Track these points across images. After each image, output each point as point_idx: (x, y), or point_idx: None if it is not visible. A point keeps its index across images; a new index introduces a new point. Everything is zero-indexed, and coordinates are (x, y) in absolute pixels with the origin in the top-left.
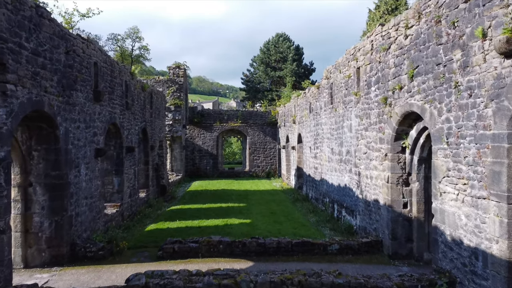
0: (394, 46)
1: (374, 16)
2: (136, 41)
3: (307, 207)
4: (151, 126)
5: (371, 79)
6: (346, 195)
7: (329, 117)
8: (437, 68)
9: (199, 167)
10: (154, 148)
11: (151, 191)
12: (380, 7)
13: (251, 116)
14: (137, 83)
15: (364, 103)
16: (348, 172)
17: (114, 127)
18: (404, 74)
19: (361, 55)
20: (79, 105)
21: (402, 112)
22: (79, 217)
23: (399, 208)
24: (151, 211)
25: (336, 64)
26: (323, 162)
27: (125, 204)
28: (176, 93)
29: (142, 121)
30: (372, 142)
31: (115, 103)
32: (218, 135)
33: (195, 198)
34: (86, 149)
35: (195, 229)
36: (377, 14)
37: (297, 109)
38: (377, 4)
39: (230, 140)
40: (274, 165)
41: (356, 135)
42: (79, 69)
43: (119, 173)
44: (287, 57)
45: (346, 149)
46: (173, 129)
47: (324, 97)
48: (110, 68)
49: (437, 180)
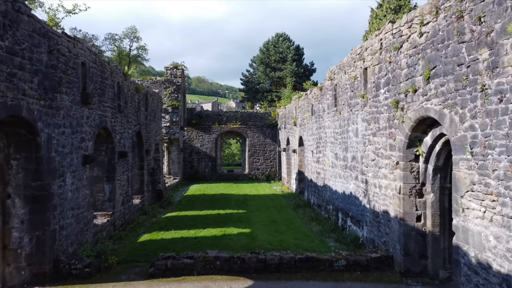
0: (406, 45)
1: (377, 15)
2: (134, 41)
3: (309, 214)
4: (146, 129)
5: (380, 80)
6: (352, 203)
7: (332, 121)
8: (458, 69)
9: (197, 170)
10: (149, 152)
11: (146, 197)
12: (382, 6)
13: (250, 118)
14: (130, 84)
15: (372, 106)
16: (354, 179)
17: (105, 131)
18: (418, 76)
19: (368, 54)
20: (64, 109)
21: (416, 117)
22: (64, 230)
23: (412, 222)
24: (145, 219)
25: (341, 65)
26: (326, 168)
27: (117, 212)
28: (173, 94)
29: (137, 124)
30: (381, 149)
31: (106, 105)
32: (216, 137)
33: (192, 204)
34: (72, 156)
35: (191, 240)
36: (380, 13)
37: (298, 111)
38: (379, 3)
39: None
40: (274, 167)
41: (363, 140)
42: (64, 70)
43: (110, 180)
44: (287, 57)
45: (351, 155)
46: (170, 131)
47: (327, 99)
48: (100, 68)
49: (458, 194)
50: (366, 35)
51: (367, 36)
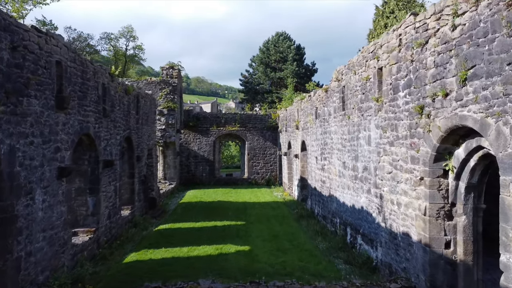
0: (434, 40)
1: (383, 12)
2: (130, 41)
3: (313, 226)
4: (137, 133)
5: (398, 82)
6: (363, 219)
7: (340, 126)
8: (508, 68)
9: (195, 174)
10: (141, 158)
11: (137, 207)
12: (388, 3)
13: (250, 120)
14: (118, 85)
15: (388, 111)
16: (365, 192)
17: (87, 139)
18: (450, 77)
19: (384, 52)
20: (32, 115)
21: (448, 126)
22: (33, 257)
23: (440, 248)
24: (135, 233)
25: (350, 64)
26: (332, 176)
27: (101, 228)
28: (169, 96)
29: (126, 129)
30: (401, 161)
31: (88, 110)
32: (215, 140)
33: (188, 213)
34: (44, 170)
35: (182, 261)
36: (386, 10)
37: (300, 114)
38: (384, 1)
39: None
40: (274, 172)
41: (377, 149)
42: (33, 70)
43: (94, 192)
44: (287, 57)
45: (362, 165)
46: (166, 134)
47: (333, 102)
48: (81, 68)
49: (509, 225)
50: (371, 34)
51: (372, 35)
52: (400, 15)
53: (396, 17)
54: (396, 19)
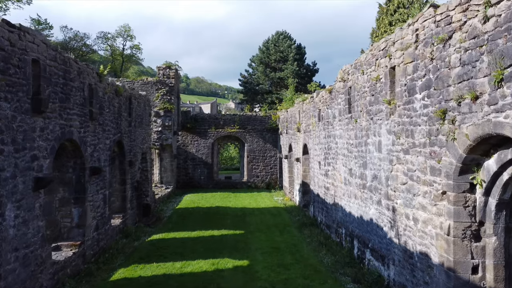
0: (459, 35)
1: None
2: (128, 40)
3: (317, 237)
4: (129, 137)
5: (415, 83)
6: (373, 233)
7: (346, 129)
8: None
9: (193, 177)
10: (133, 163)
11: (129, 215)
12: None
13: (249, 121)
14: (107, 86)
15: (402, 115)
16: (375, 203)
17: (71, 145)
18: (481, 77)
19: (397, 50)
20: (2, 120)
21: (478, 134)
22: (3, 281)
23: (466, 274)
24: (126, 244)
25: (357, 63)
26: (337, 183)
27: (88, 241)
28: (166, 96)
29: (117, 133)
30: (418, 171)
31: (71, 113)
32: (213, 142)
33: (184, 221)
34: (16, 182)
35: (175, 279)
36: (391, 8)
37: (302, 116)
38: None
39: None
40: (274, 174)
41: (388, 157)
42: (3, 69)
43: (80, 202)
44: (287, 56)
45: (372, 173)
46: (162, 137)
47: (338, 103)
48: (63, 67)
49: None
50: (374, 33)
51: (375, 34)
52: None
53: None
54: (401, 16)
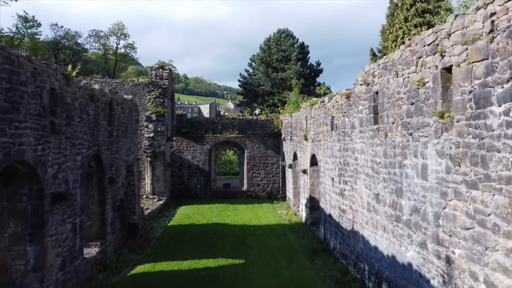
0: None
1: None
2: (121, 39)
3: (332, 270)
4: (110, 150)
5: (489, 90)
6: (412, 282)
7: (370, 144)
8: None
9: (188, 186)
10: (114, 180)
11: (109, 242)
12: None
13: (249, 126)
14: (79, 91)
15: (465, 134)
16: (416, 245)
17: (24, 167)
18: None
19: (455, 44)
20: None
21: None
22: None
23: None
24: (103, 280)
25: (387, 62)
26: (356, 207)
27: (49, 286)
28: (158, 99)
29: (92, 146)
30: (495, 216)
31: (22, 127)
32: (210, 148)
33: (175, 244)
34: None
35: None
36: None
37: (310, 123)
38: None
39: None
40: (277, 183)
41: (440, 188)
42: None
43: (37, 239)
44: (290, 56)
45: (410, 204)
46: (154, 144)
47: (359, 111)
48: (9, 68)
49: None
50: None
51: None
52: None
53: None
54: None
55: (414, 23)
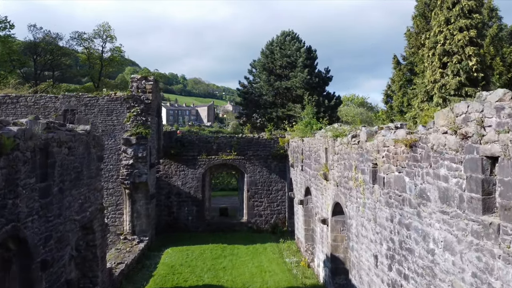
0: None
1: (443, 2)
2: (108, 41)
3: None
4: (44, 217)
5: None
6: None
7: (468, 245)
8: None
9: (178, 217)
10: (49, 263)
11: None
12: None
13: (250, 145)
14: None
15: None
16: None
17: None
18: None
19: None
20: None
21: None
22: None
23: None
24: None
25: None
26: None
27: None
28: (140, 117)
29: (4, 223)
30: None
31: None
32: (204, 172)
33: None
34: None
35: None
36: (448, 0)
37: (331, 158)
38: None
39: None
40: (282, 213)
41: None
42: None
43: None
44: (296, 62)
45: None
46: (134, 173)
47: (441, 177)
48: None
49: None
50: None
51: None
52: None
53: (463, 9)
54: (462, 11)
55: (459, 25)
